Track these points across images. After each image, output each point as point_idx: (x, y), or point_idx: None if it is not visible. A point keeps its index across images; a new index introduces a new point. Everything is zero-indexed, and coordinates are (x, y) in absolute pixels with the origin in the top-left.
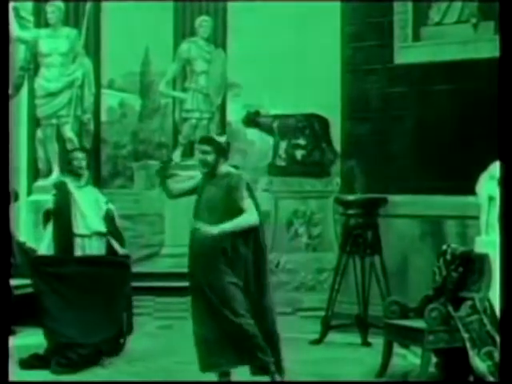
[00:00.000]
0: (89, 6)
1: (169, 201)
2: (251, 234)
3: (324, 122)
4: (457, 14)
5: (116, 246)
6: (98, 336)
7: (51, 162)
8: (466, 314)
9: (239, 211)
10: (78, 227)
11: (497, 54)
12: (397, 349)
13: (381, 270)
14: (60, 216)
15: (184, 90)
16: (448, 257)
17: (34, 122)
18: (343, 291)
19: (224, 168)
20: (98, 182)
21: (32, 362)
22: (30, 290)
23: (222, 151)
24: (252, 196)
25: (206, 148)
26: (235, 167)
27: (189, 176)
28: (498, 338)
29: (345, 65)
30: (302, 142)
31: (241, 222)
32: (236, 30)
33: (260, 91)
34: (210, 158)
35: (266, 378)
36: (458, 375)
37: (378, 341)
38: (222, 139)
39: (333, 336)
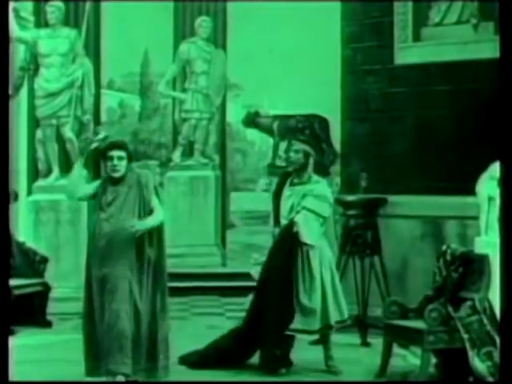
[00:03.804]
0: (88, 6)
1: (168, 202)
2: (155, 233)
3: (324, 122)
4: (457, 15)
5: None
6: None
7: (51, 162)
8: (466, 314)
9: (146, 208)
10: None
11: (497, 54)
12: (396, 349)
13: (380, 271)
14: None
15: (184, 90)
16: (448, 257)
17: (34, 123)
18: (343, 291)
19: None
20: None
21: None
22: (28, 290)
23: (130, 155)
24: (157, 193)
25: (121, 153)
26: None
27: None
28: (497, 339)
29: (345, 65)
30: None
31: (156, 220)
32: (236, 30)
33: (260, 91)
34: (124, 162)
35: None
36: (457, 375)
37: (377, 341)
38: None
39: (332, 336)
